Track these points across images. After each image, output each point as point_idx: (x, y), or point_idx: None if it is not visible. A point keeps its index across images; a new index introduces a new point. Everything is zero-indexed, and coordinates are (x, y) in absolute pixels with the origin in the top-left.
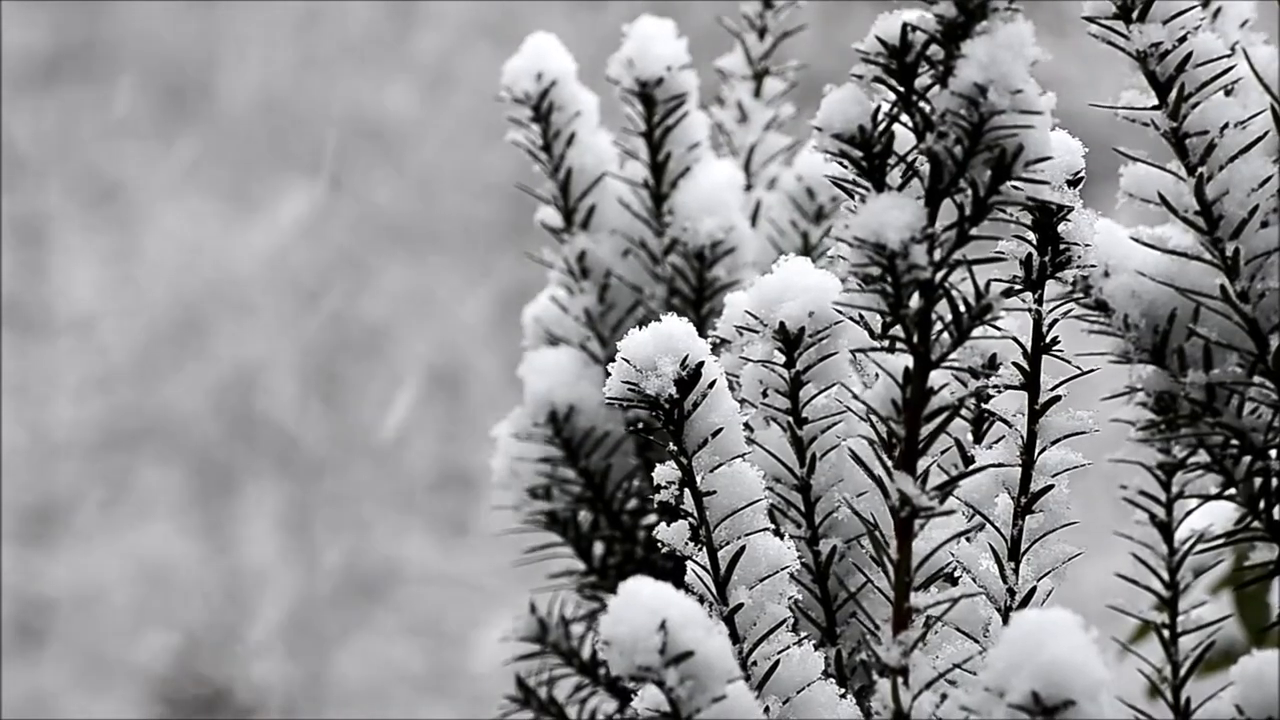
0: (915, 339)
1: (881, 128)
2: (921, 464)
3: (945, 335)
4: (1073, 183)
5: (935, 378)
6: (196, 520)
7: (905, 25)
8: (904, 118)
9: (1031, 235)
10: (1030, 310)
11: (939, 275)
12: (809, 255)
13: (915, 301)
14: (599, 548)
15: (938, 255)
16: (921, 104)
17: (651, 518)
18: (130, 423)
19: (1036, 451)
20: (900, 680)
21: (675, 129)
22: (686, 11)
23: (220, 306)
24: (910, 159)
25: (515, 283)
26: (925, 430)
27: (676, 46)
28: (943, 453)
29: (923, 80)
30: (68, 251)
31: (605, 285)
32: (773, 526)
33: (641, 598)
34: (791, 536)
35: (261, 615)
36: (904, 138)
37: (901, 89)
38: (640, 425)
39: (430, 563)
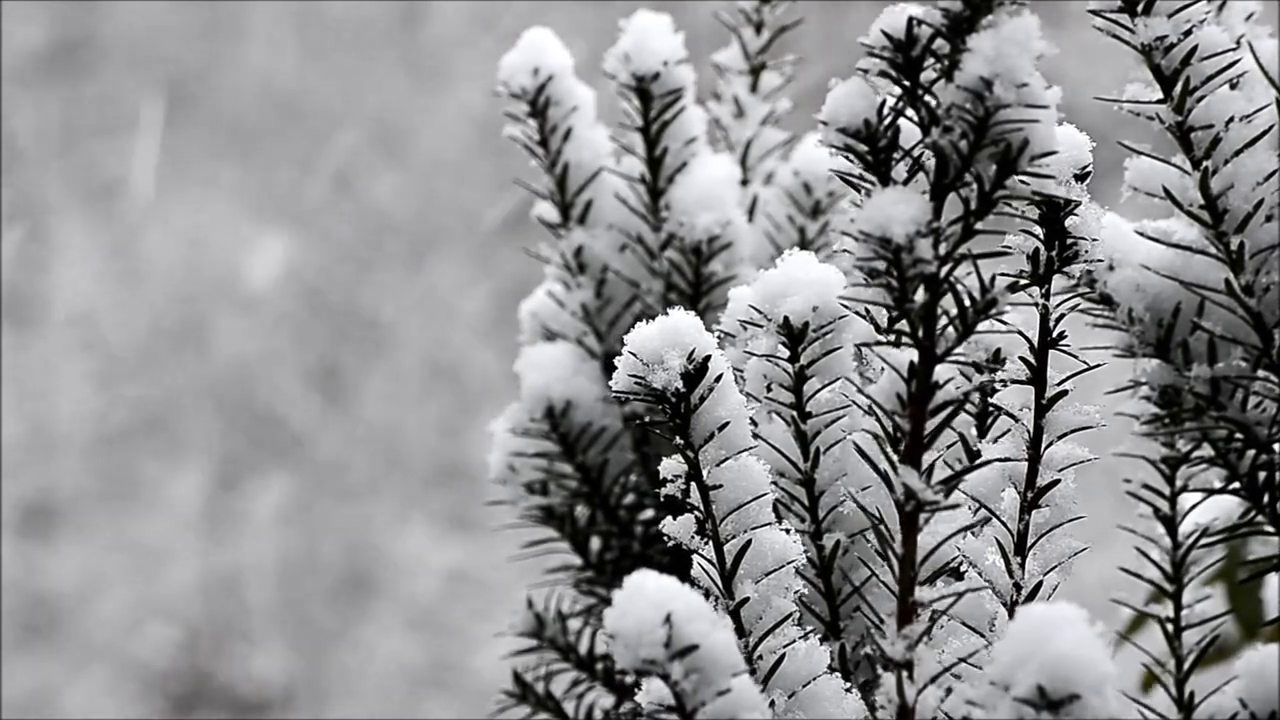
0: (920, 333)
1: (887, 122)
2: (926, 458)
3: (950, 330)
4: (1080, 177)
5: (940, 372)
6: (197, 514)
7: (911, 19)
8: (909, 112)
9: (1038, 229)
10: (1036, 304)
11: (944, 269)
12: (806, 250)
13: (920, 296)
14: (596, 543)
15: (943, 249)
16: (927, 98)
17: (648, 513)
18: (131, 416)
19: (1043, 446)
20: (905, 674)
21: (672, 124)
22: (683, 7)
23: (221, 301)
24: (916, 153)
25: (513, 278)
26: (930, 424)
27: (673, 41)
28: (948, 447)
29: (928, 74)
30: (68, 245)
31: (602, 280)
32: (776, 521)
33: (647, 591)
34: (795, 531)
35: (262, 609)
36: (909, 132)
37: (907, 83)
38: (639, 419)
39: (430, 557)
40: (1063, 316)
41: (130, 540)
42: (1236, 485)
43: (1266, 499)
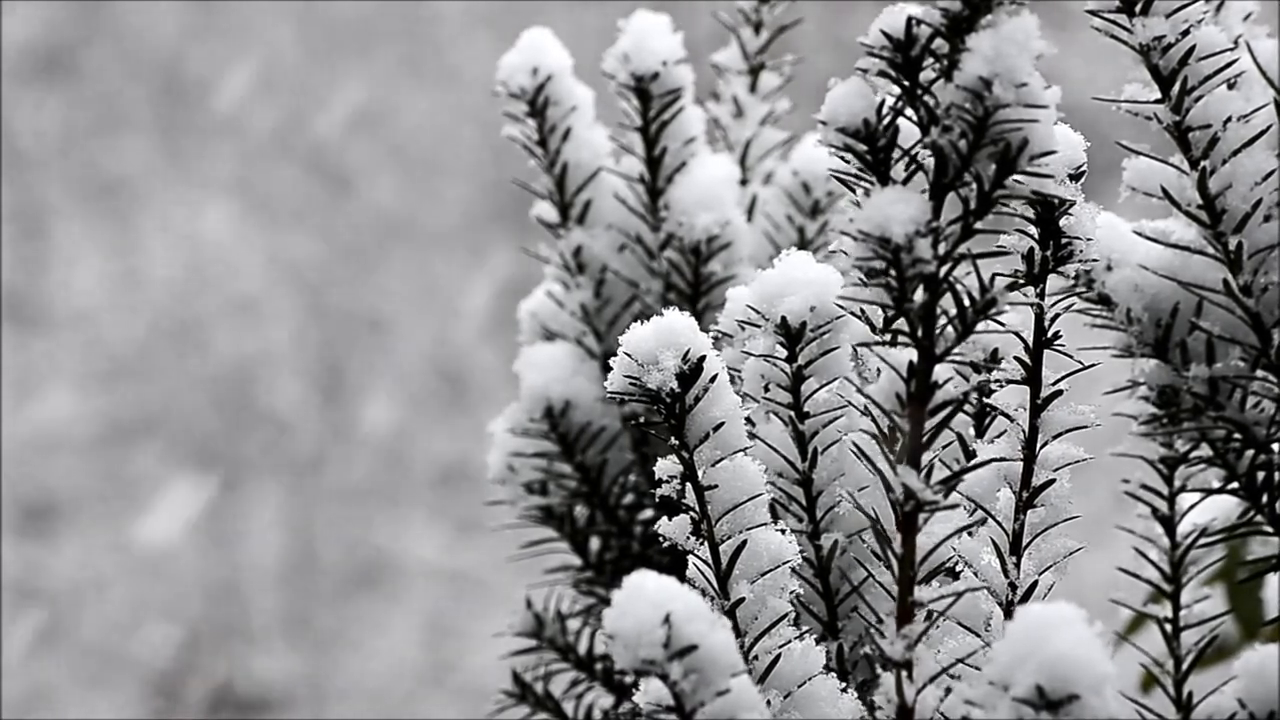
0: (920, 333)
1: (886, 121)
2: (924, 458)
3: (949, 329)
4: (1074, 177)
5: (938, 372)
6: (197, 514)
7: (910, 19)
8: (909, 111)
9: (1034, 229)
10: (1032, 304)
11: (944, 269)
12: (805, 250)
13: (920, 295)
14: (595, 543)
15: (942, 249)
16: (926, 98)
17: (648, 513)
18: (131, 416)
19: (1038, 446)
20: (905, 674)
21: (671, 124)
22: (683, 7)
23: (221, 300)
24: (915, 153)
25: (513, 277)
26: (929, 424)
27: (672, 41)
28: (944, 447)
29: (927, 74)
30: (68, 245)
31: (601, 280)
32: (773, 521)
33: (646, 592)
34: (793, 531)
35: (262, 609)
36: (909, 131)
37: (906, 83)
38: (638, 420)
39: (430, 557)
40: (1058, 316)
41: (130, 540)
42: (1235, 485)
43: (1265, 499)
